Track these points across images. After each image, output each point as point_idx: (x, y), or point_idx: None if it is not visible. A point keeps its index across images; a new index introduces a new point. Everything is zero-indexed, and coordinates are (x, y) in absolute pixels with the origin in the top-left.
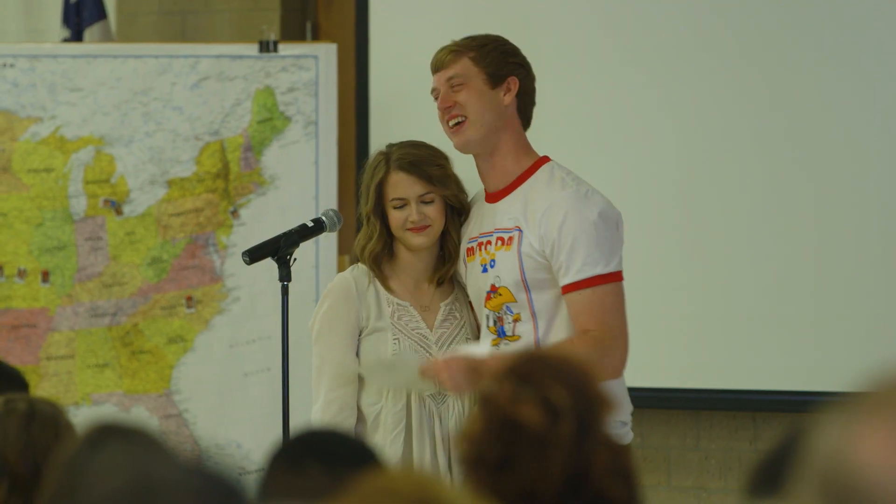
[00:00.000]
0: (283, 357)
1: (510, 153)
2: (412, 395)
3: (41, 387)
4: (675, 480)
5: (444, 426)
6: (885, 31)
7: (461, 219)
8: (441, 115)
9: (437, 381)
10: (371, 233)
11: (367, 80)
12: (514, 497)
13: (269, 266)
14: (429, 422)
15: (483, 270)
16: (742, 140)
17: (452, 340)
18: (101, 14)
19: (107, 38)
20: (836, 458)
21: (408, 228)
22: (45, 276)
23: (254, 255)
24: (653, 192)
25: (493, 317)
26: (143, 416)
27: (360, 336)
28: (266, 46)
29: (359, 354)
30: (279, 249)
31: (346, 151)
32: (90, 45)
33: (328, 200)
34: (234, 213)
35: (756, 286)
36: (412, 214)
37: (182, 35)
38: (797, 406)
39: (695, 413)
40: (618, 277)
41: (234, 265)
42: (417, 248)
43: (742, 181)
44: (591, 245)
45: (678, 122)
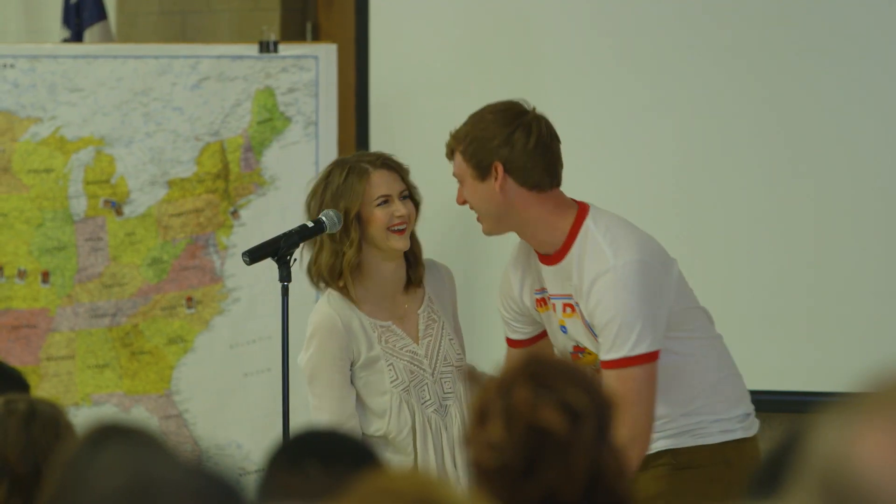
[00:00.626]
0: (284, 357)
1: (539, 224)
2: (416, 413)
3: (41, 387)
4: None
5: (449, 434)
6: (882, 32)
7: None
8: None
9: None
10: (341, 245)
11: (368, 81)
12: (536, 502)
13: (270, 266)
14: (435, 434)
15: (562, 329)
16: (741, 140)
17: (439, 345)
18: (102, 14)
19: (107, 39)
20: (836, 459)
21: (392, 226)
22: (46, 277)
23: (254, 256)
24: (652, 193)
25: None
26: (143, 417)
27: (353, 367)
28: (266, 47)
29: (353, 383)
30: (279, 250)
31: (347, 152)
32: (90, 46)
33: None
34: (235, 214)
35: (755, 286)
36: (398, 209)
37: (182, 35)
38: (797, 406)
39: None
40: (645, 359)
41: (235, 266)
42: (398, 252)
43: (742, 181)
44: (623, 326)
45: (676, 123)
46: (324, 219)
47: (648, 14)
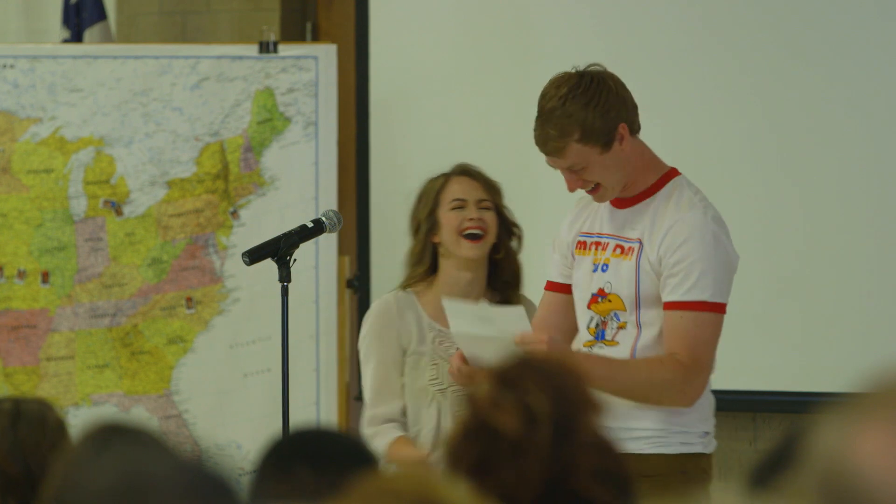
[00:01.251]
0: (283, 358)
1: (638, 175)
2: (442, 415)
3: (41, 387)
4: None
5: None
6: (874, 38)
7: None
8: (570, 190)
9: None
10: (417, 246)
11: (367, 81)
12: (495, 501)
13: (269, 267)
14: None
15: (594, 270)
16: (736, 141)
17: None
18: (101, 15)
19: (107, 39)
20: (836, 459)
21: (463, 231)
22: (45, 277)
23: (254, 256)
24: None
25: (598, 320)
26: (143, 417)
27: (404, 355)
28: (266, 47)
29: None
30: (279, 250)
31: (346, 152)
32: (90, 46)
33: (328, 201)
34: (234, 214)
35: (755, 286)
36: (471, 213)
37: (182, 36)
38: (797, 406)
39: None
40: (721, 309)
41: (234, 266)
42: (468, 259)
43: (736, 182)
44: (707, 270)
45: (673, 124)
46: (323, 219)
47: (646, 16)
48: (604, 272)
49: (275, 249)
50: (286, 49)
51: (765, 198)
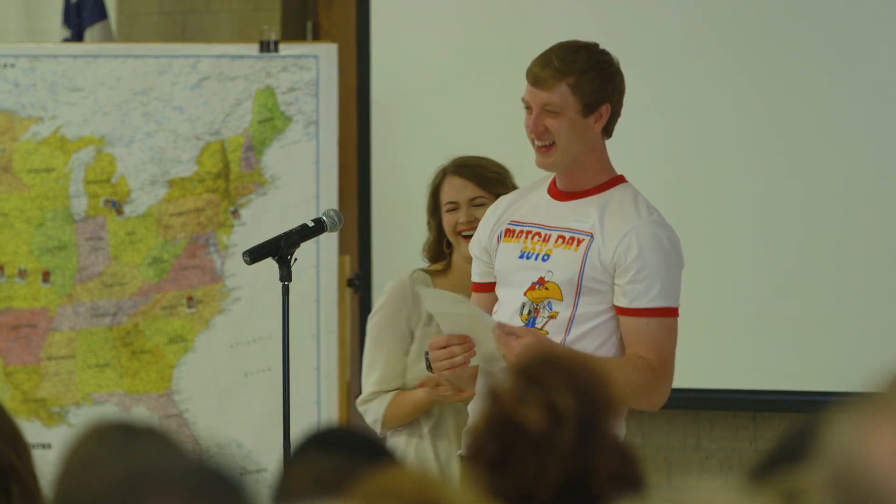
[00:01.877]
0: (284, 357)
1: (589, 169)
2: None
3: (42, 387)
4: (676, 480)
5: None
6: (876, 36)
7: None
8: (528, 131)
9: (506, 352)
10: (432, 242)
11: (368, 80)
12: (512, 497)
13: (270, 266)
14: (447, 425)
15: (521, 256)
16: (737, 141)
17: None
18: (102, 14)
19: (107, 39)
20: (848, 458)
21: (459, 231)
22: (46, 276)
23: (254, 255)
24: (649, 192)
25: (530, 306)
26: (144, 416)
27: (413, 338)
28: (266, 46)
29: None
30: (280, 249)
31: (347, 151)
32: (91, 45)
33: (329, 200)
34: (235, 213)
35: (756, 286)
36: (462, 216)
37: (182, 35)
38: (798, 406)
39: (695, 413)
40: (678, 313)
41: (235, 265)
42: (469, 254)
43: (738, 182)
44: (669, 278)
45: (673, 124)
46: (324, 218)
47: (647, 15)
48: (544, 262)
49: (275, 249)
50: (287, 48)
51: (765, 197)
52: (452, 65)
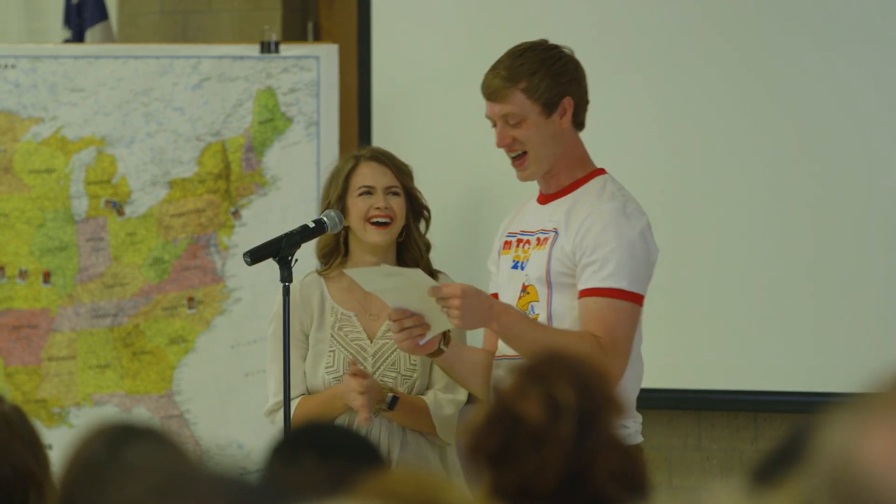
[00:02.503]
0: (285, 357)
1: (566, 167)
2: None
3: (42, 388)
4: (677, 481)
5: (366, 432)
6: (881, 35)
7: (421, 227)
8: (498, 146)
9: (446, 308)
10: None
11: (369, 81)
12: (511, 492)
13: (271, 267)
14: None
15: (513, 266)
16: (743, 140)
17: (393, 350)
18: (103, 15)
19: (108, 39)
20: (845, 459)
21: (370, 218)
22: (47, 277)
23: (255, 256)
24: (652, 192)
25: None
26: (145, 417)
27: (307, 341)
28: (267, 47)
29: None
30: (280, 250)
31: (348, 152)
32: (91, 46)
33: None
34: (236, 214)
35: (758, 286)
36: (378, 201)
37: (183, 36)
38: (799, 407)
39: (696, 413)
40: (637, 300)
41: (236, 266)
42: (375, 245)
43: (742, 181)
44: (624, 260)
45: (677, 123)
46: (325, 219)
47: (648, 16)
48: (523, 269)
49: (276, 249)
50: (288, 49)
51: (767, 197)
52: (454, 65)
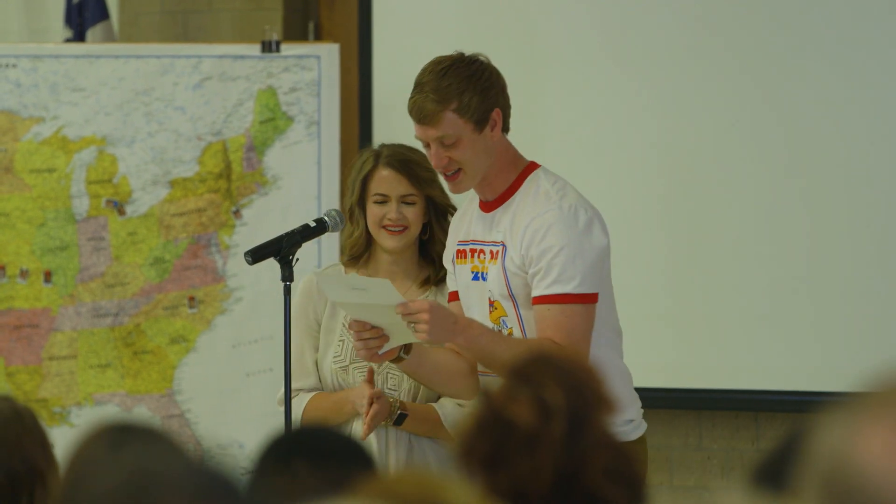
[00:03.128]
0: (286, 357)
1: (500, 173)
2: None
3: (43, 387)
4: (678, 480)
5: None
6: (878, 36)
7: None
8: (433, 166)
9: (413, 325)
10: (353, 229)
11: (370, 80)
12: (506, 495)
13: (272, 266)
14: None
15: (474, 278)
16: (742, 140)
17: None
18: (104, 14)
19: (109, 39)
20: (839, 459)
21: (383, 226)
22: (48, 277)
23: (256, 256)
24: (652, 191)
25: (495, 329)
26: (146, 417)
27: (320, 331)
28: (268, 46)
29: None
30: (281, 249)
31: (349, 151)
32: (92, 46)
33: (330, 200)
34: (237, 213)
35: (758, 286)
36: (391, 212)
37: (184, 35)
38: (799, 406)
39: (697, 413)
40: (589, 299)
41: (237, 265)
42: (390, 251)
43: (742, 181)
44: (568, 262)
45: (676, 123)
46: (326, 218)
47: (648, 16)
48: (485, 281)
49: (277, 249)
50: (288, 48)
51: (767, 197)
52: None
